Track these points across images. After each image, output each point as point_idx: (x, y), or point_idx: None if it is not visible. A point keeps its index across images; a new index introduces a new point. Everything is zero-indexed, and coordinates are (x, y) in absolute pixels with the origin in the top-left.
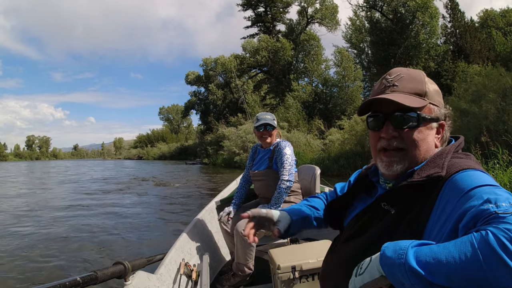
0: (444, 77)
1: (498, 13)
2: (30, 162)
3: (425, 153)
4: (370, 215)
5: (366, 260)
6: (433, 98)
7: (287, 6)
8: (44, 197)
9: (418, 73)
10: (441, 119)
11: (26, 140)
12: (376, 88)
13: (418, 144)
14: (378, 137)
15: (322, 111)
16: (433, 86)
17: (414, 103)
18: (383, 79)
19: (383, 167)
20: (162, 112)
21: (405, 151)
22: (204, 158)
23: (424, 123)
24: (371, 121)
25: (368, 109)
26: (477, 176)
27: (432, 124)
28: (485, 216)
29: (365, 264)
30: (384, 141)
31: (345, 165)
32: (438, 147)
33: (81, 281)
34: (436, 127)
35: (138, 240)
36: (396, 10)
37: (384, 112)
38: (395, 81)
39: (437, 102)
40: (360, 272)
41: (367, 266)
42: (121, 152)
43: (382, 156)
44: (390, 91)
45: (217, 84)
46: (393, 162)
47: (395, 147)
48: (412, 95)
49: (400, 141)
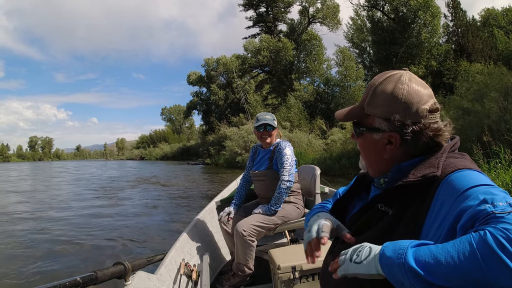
0: (446, 76)
1: (500, 12)
2: (33, 163)
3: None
4: (368, 216)
5: (365, 249)
6: (377, 108)
7: (288, 6)
8: (45, 197)
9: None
10: (384, 130)
11: (29, 141)
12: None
13: (364, 152)
14: None
15: (324, 111)
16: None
17: (349, 117)
18: None
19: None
20: (164, 112)
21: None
22: (206, 158)
23: (365, 134)
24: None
25: None
26: (472, 176)
27: (374, 135)
28: (482, 216)
29: (364, 254)
30: None
31: (347, 165)
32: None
33: (81, 281)
34: (385, 137)
35: (138, 240)
36: (398, 9)
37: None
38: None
39: (384, 111)
40: (356, 260)
41: (365, 258)
42: (124, 153)
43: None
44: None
45: (219, 84)
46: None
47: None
48: (358, 107)
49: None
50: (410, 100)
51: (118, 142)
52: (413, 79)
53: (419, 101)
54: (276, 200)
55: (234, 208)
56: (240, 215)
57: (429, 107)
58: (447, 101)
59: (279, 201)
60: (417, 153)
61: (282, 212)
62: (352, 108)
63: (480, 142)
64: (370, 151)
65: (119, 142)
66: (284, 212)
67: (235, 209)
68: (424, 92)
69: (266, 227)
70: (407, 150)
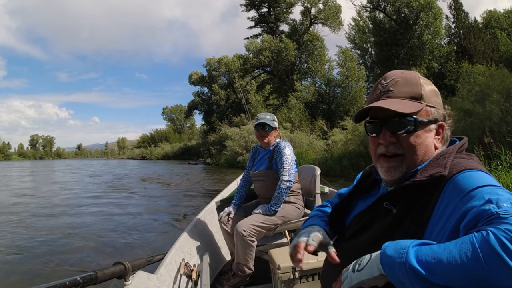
0: (448, 77)
1: (502, 14)
2: (34, 161)
3: (424, 156)
4: (373, 214)
5: (365, 257)
6: (430, 99)
7: (290, 7)
8: (44, 197)
9: (413, 75)
10: (440, 120)
11: (30, 139)
12: (372, 94)
13: (416, 149)
14: (377, 143)
15: (325, 112)
16: (429, 87)
17: (410, 108)
18: (379, 83)
19: (382, 173)
20: (166, 112)
21: (403, 156)
22: (207, 158)
23: (422, 127)
24: (369, 127)
25: (365, 114)
26: (479, 176)
27: (431, 126)
28: (486, 216)
29: (365, 261)
30: (382, 147)
31: (348, 166)
32: (438, 148)
33: (81, 281)
34: (435, 129)
35: (138, 240)
36: (400, 11)
37: (381, 118)
38: (390, 86)
39: (435, 103)
40: (359, 269)
41: (367, 263)
42: (125, 152)
43: (381, 161)
44: (385, 96)
45: (220, 84)
46: (392, 168)
47: (393, 153)
48: (408, 99)
49: (398, 146)
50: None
51: (119, 141)
52: None
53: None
54: (276, 200)
55: (234, 208)
56: (240, 215)
57: None
58: (448, 103)
59: (279, 201)
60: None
61: (282, 212)
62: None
63: (481, 144)
64: (422, 144)
65: (120, 142)
66: (284, 212)
67: (235, 209)
68: None
69: (266, 227)
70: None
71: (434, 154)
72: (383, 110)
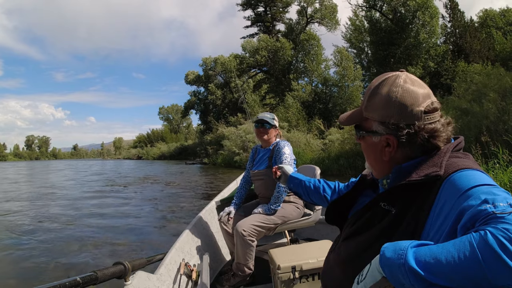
0: (444, 76)
1: (498, 13)
2: (29, 162)
3: (376, 162)
4: (371, 214)
5: (366, 267)
6: (373, 112)
7: (286, 6)
8: (43, 197)
9: (373, 82)
10: (381, 133)
11: (26, 140)
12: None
13: (366, 155)
14: None
15: (322, 111)
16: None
17: (351, 121)
18: None
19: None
20: (162, 112)
21: None
22: (204, 158)
23: (365, 137)
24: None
25: None
26: (475, 175)
27: (373, 138)
28: (483, 216)
29: (366, 270)
30: None
31: (345, 165)
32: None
33: (81, 281)
34: (383, 140)
35: (138, 240)
36: (396, 10)
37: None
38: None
39: (379, 115)
40: (362, 279)
41: (368, 270)
42: (121, 152)
43: None
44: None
45: (216, 84)
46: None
47: None
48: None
49: None
50: (404, 102)
51: (115, 141)
52: (408, 80)
53: (413, 103)
54: (275, 199)
55: (234, 208)
56: (240, 215)
57: (425, 108)
58: (445, 102)
59: (278, 200)
60: (416, 155)
61: (282, 212)
62: (353, 112)
63: (478, 143)
64: (370, 153)
65: (116, 142)
66: (284, 212)
67: (235, 209)
68: (420, 93)
69: (266, 227)
70: (405, 152)
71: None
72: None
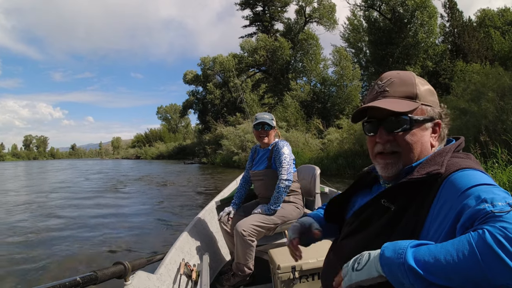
0: (442, 76)
1: (496, 13)
2: (28, 162)
3: (420, 154)
4: (371, 211)
5: (364, 256)
6: (425, 98)
7: (285, 6)
8: (43, 197)
9: (408, 75)
10: (436, 118)
11: (24, 140)
12: (369, 94)
13: (412, 147)
14: (374, 142)
15: (321, 111)
16: (424, 87)
17: (404, 107)
18: (376, 84)
19: (380, 169)
20: (160, 111)
21: (399, 154)
22: (203, 158)
23: (417, 125)
24: (366, 127)
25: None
26: (475, 175)
27: (426, 125)
28: (482, 215)
29: (364, 260)
30: (379, 146)
31: (343, 165)
32: (434, 146)
33: (81, 281)
34: (431, 127)
35: (138, 240)
36: (394, 10)
37: (378, 118)
38: (386, 86)
39: (430, 102)
40: (358, 268)
41: (366, 263)
42: (119, 152)
43: (378, 159)
44: (382, 96)
45: (215, 83)
46: (388, 164)
47: (390, 151)
48: (403, 98)
49: (394, 144)
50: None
51: (113, 141)
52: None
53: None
54: (275, 199)
55: (234, 208)
56: (240, 215)
57: None
58: (443, 101)
59: (278, 200)
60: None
61: (282, 212)
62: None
63: (477, 142)
64: (417, 142)
65: (114, 141)
66: (284, 212)
67: (235, 209)
68: None
69: (266, 227)
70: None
71: (430, 152)
72: (379, 110)
